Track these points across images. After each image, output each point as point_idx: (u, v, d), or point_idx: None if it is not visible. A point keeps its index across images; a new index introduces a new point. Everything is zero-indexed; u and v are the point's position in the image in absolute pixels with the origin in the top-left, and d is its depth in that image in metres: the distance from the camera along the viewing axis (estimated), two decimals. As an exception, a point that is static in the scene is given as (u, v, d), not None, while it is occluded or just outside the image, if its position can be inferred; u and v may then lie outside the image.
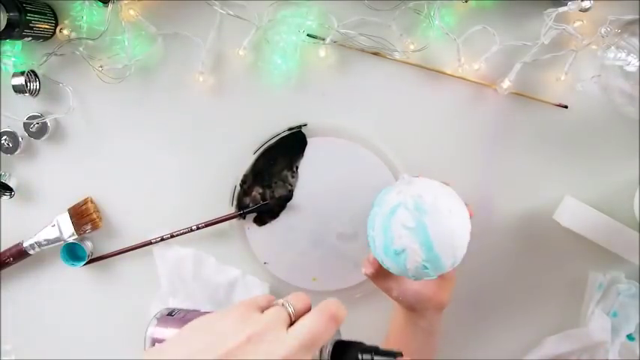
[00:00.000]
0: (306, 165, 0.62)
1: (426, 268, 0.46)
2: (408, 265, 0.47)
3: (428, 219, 0.46)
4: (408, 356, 0.55)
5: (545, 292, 0.65)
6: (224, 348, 0.32)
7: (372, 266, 0.54)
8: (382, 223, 0.48)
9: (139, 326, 0.67)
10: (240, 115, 0.63)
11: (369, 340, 0.43)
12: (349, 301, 0.64)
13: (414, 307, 0.56)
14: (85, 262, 0.65)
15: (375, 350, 0.37)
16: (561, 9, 0.55)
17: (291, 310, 0.36)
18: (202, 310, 0.43)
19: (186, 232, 0.64)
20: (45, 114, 0.62)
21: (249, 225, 0.64)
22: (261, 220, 0.64)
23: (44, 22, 0.58)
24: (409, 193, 0.47)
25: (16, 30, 0.54)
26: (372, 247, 0.50)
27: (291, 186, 0.63)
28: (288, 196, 0.63)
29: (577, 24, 0.57)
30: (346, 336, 0.42)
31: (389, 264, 0.49)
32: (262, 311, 0.36)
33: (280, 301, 0.37)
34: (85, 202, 0.64)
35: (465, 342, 0.67)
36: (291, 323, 0.35)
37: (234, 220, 0.64)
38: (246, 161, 0.62)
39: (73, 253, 0.65)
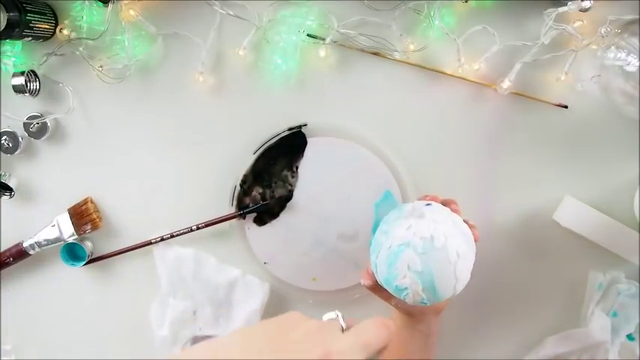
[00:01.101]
0: (306, 165, 0.62)
1: (424, 302, 0.46)
2: (407, 299, 0.47)
3: (435, 265, 0.45)
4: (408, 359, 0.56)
5: (545, 292, 0.65)
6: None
7: (370, 278, 0.53)
8: (387, 257, 0.46)
9: (139, 326, 0.67)
10: (240, 115, 0.63)
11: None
12: (349, 301, 0.64)
13: (412, 313, 0.56)
14: (85, 262, 0.65)
15: None
16: (561, 9, 0.55)
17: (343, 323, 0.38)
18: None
19: (186, 232, 0.64)
20: (45, 114, 0.62)
21: (249, 225, 0.64)
22: (261, 220, 0.64)
23: (44, 22, 0.58)
24: (419, 233, 0.45)
25: (16, 30, 0.54)
26: (374, 270, 0.49)
27: (291, 186, 0.63)
28: (288, 196, 0.63)
29: (577, 24, 0.57)
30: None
31: (389, 289, 0.48)
32: None
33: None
34: (85, 202, 0.64)
35: (465, 342, 0.67)
36: None
37: (234, 220, 0.64)
38: (246, 161, 0.62)
39: (73, 253, 0.65)
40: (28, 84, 0.60)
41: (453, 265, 0.45)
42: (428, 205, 0.49)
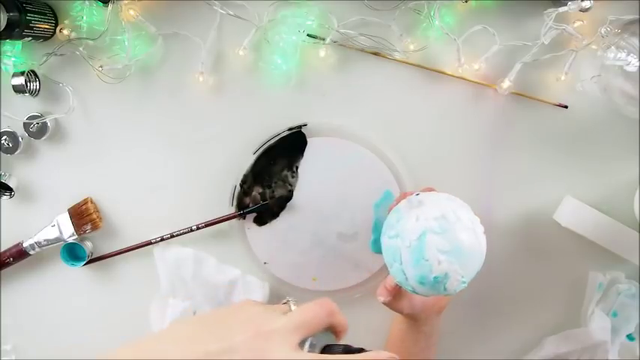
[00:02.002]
0: (306, 165, 0.62)
1: (464, 283, 0.46)
2: (448, 287, 0.46)
3: (459, 236, 0.45)
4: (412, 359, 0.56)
5: (545, 292, 0.65)
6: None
7: (390, 293, 0.53)
8: (412, 254, 0.46)
9: (139, 326, 0.67)
10: (240, 115, 0.63)
11: (368, 339, 0.43)
12: (349, 301, 0.64)
13: (417, 317, 0.56)
14: (85, 262, 0.65)
15: (353, 350, 0.38)
16: (561, 9, 0.55)
17: (292, 307, 0.40)
18: None
19: (186, 232, 0.64)
20: (45, 114, 0.62)
21: (249, 225, 0.64)
22: (261, 220, 0.64)
23: (44, 22, 0.58)
24: (430, 216, 0.45)
25: (16, 30, 0.54)
26: (401, 279, 0.48)
27: (291, 186, 0.63)
28: (288, 196, 0.63)
29: (577, 24, 0.57)
30: (347, 337, 0.43)
31: (423, 291, 0.47)
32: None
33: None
34: (85, 202, 0.64)
35: (465, 342, 0.67)
36: None
37: (234, 220, 0.64)
38: (246, 161, 0.62)
39: (73, 253, 0.65)
40: (28, 84, 0.60)
41: (472, 231, 0.46)
42: (417, 194, 0.49)
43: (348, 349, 0.39)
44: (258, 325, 0.36)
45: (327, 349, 0.39)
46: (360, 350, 0.39)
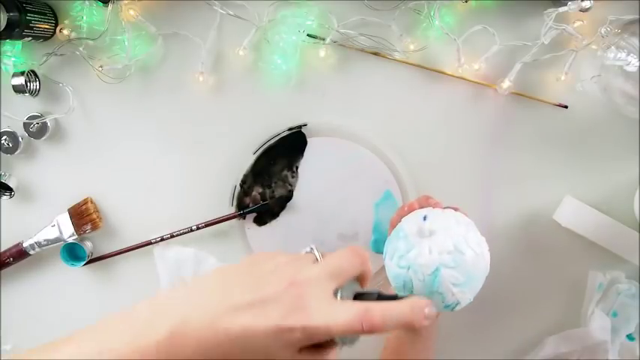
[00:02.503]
0: (306, 165, 0.62)
1: (471, 302, 0.47)
2: (456, 309, 0.47)
3: (471, 268, 0.45)
4: None
5: (545, 292, 0.65)
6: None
7: None
8: (425, 288, 0.46)
9: (139, 326, 0.67)
10: (240, 115, 0.63)
11: (368, 339, 0.43)
12: (349, 301, 0.64)
13: None
14: (85, 262, 0.65)
15: (390, 297, 0.37)
16: (561, 9, 0.55)
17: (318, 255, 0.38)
18: None
19: (186, 232, 0.64)
20: (45, 114, 0.62)
21: (249, 225, 0.64)
22: (261, 220, 0.64)
23: (44, 22, 0.58)
24: (444, 249, 0.45)
25: (16, 30, 0.54)
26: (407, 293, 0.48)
27: (291, 186, 0.63)
28: (288, 196, 0.63)
29: (577, 24, 0.57)
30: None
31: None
32: None
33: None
34: (85, 202, 0.64)
35: (465, 342, 0.67)
36: None
37: (234, 220, 0.64)
38: (246, 161, 0.62)
39: (73, 253, 0.65)
40: (28, 84, 0.60)
41: (481, 257, 0.46)
42: (424, 218, 0.48)
43: (382, 296, 0.37)
44: (292, 274, 0.34)
45: (359, 297, 0.37)
46: (394, 297, 0.37)
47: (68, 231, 0.64)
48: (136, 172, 0.64)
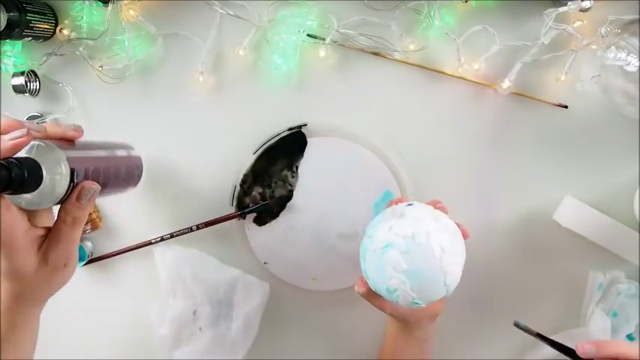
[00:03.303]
0: (306, 165, 0.62)
1: (417, 303, 0.46)
2: (400, 301, 0.46)
3: (419, 261, 0.44)
4: None
5: (545, 292, 0.65)
6: None
7: (365, 286, 0.52)
8: (373, 261, 0.46)
9: (139, 326, 0.67)
10: (240, 115, 0.63)
11: (368, 339, 0.43)
12: (349, 301, 0.64)
13: (408, 320, 0.56)
14: (85, 262, 0.65)
15: None
16: (561, 9, 0.55)
17: None
18: None
19: (186, 232, 0.64)
20: (45, 114, 0.62)
21: (249, 225, 0.64)
22: (261, 220, 0.64)
23: (44, 22, 0.58)
24: (401, 232, 0.45)
25: (16, 30, 0.55)
26: (365, 277, 0.49)
27: (291, 186, 0.63)
28: (288, 196, 0.63)
29: (577, 24, 0.57)
30: (344, 335, 0.43)
31: (381, 294, 0.48)
32: None
33: None
34: (85, 202, 0.64)
35: (465, 342, 0.67)
36: None
37: (234, 220, 0.64)
38: (246, 161, 0.62)
39: (73, 253, 0.65)
40: (28, 84, 0.60)
41: (438, 260, 0.45)
42: (409, 204, 0.48)
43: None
44: None
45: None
46: None
47: (68, 231, 0.64)
48: (136, 172, 0.64)
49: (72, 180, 0.44)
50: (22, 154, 0.42)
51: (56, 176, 0.43)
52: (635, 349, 0.44)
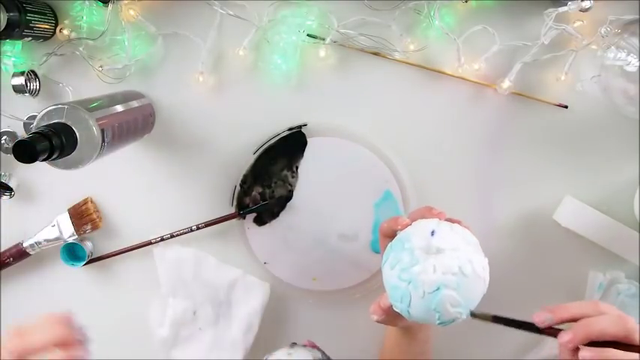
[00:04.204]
0: (306, 165, 0.62)
1: (463, 318, 0.46)
2: (450, 325, 0.46)
3: (472, 290, 0.45)
4: None
5: (545, 292, 0.65)
6: None
7: (384, 313, 0.51)
8: (423, 305, 0.45)
9: (139, 326, 0.67)
10: (240, 115, 0.63)
11: (368, 339, 0.43)
12: (349, 301, 0.64)
13: (412, 326, 0.56)
14: (85, 262, 0.65)
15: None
16: (561, 9, 0.55)
17: None
18: None
19: (186, 232, 0.64)
20: (45, 114, 0.62)
21: (249, 225, 0.64)
22: (261, 220, 0.64)
23: (44, 22, 0.58)
24: (448, 270, 0.44)
25: (16, 30, 0.54)
26: (404, 313, 0.47)
27: (291, 186, 0.63)
28: (288, 196, 0.63)
29: (577, 24, 0.57)
30: (344, 335, 0.43)
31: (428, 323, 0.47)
32: None
33: None
34: (85, 202, 0.64)
35: (466, 342, 0.67)
36: None
37: (234, 220, 0.64)
38: (246, 161, 0.62)
39: (73, 253, 0.65)
40: (28, 84, 0.60)
41: (483, 280, 0.46)
42: (432, 234, 0.47)
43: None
44: None
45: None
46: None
47: (68, 231, 0.64)
48: (137, 172, 0.64)
49: (103, 140, 0.48)
50: (53, 118, 0.46)
51: (89, 138, 0.47)
52: (589, 305, 0.42)
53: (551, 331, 0.43)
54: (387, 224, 0.50)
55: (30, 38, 0.57)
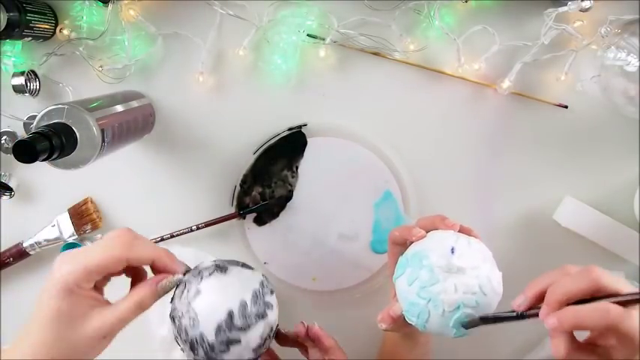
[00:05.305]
0: (306, 165, 0.62)
1: None
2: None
3: (490, 305, 0.45)
4: None
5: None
6: None
7: (393, 322, 0.50)
8: (442, 321, 0.45)
9: (139, 326, 0.67)
10: (240, 115, 0.63)
11: (368, 339, 0.43)
12: (349, 301, 0.64)
13: (415, 329, 0.56)
14: (85, 262, 0.65)
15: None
16: (561, 9, 0.55)
17: None
18: None
19: (186, 232, 0.64)
20: (45, 114, 0.62)
21: (249, 225, 0.64)
22: (261, 220, 0.64)
23: (44, 22, 0.58)
24: (469, 289, 0.44)
25: (16, 30, 0.54)
26: (419, 326, 0.47)
27: (291, 186, 0.63)
28: (288, 196, 0.63)
29: (577, 24, 0.57)
30: (344, 335, 0.43)
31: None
32: None
33: None
34: (85, 202, 0.64)
35: (465, 342, 0.67)
36: None
37: (234, 220, 0.64)
38: (246, 161, 0.62)
39: (73, 253, 0.65)
40: (28, 84, 0.60)
41: (498, 294, 0.46)
42: (452, 251, 0.46)
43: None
44: None
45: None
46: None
47: (68, 231, 0.64)
48: (136, 172, 0.64)
49: (103, 140, 0.48)
50: (54, 118, 0.46)
51: (89, 138, 0.47)
52: (556, 272, 0.42)
53: (534, 312, 0.41)
54: (399, 233, 0.49)
55: (30, 38, 0.57)
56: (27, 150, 0.43)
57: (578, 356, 0.39)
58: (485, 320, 0.44)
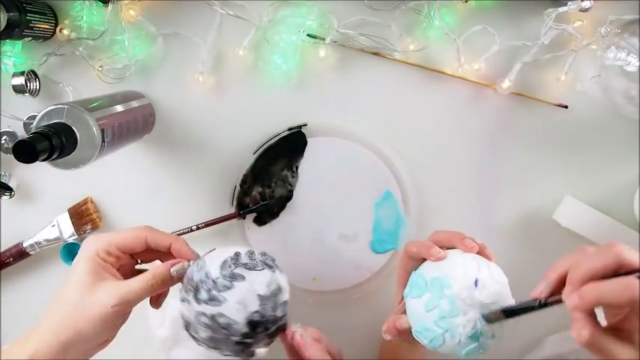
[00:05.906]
0: (306, 165, 0.62)
1: None
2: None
3: (502, 330, 0.46)
4: None
5: (545, 292, 0.65)
6: None
7: (399, 334, 0.49)
8: (456, 348, 0.45)
9: (139, 326, 0.67)
10: (240, 115, 0.63)
11: (367, 339, 0.43)
12: (347, 302, 0.64)
13: None
14: (85, 262, 0.65)
15: None
16: (561, 9, 0.55)
17: None
18: None
19: (186, 232, 0.64)
20: (45, 114, 0.62)
21: (249, 225, 0.64)
22: (261, 220, 0.64)
23: (44, 22, 0.58)
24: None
25: (16, 30, 0.54)
26: (431, 348, 0.46)
27: (291, 186, 0.63)
28: (288, 196, 0.63)
29: (577, 24, 0.57)
30: (344, 335, 0.43)
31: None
32: None
33: None
34: (85, 202, 0.64)
35: (465, 342, 0.67)
36: None
37: (234, 220, 0.64)
38: (246, 161, 0.62)
39: (73, 253, 0.65)
40: (28, 84, 0.60)
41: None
42: (476, 284, 0.45)
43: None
44: None
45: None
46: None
47: (68, 231, 0.64)
48: (136, 172, 0.64)
49: (103, 140, 0.48)
50: (54, 118, 0.47)
51: (89, 138, 0.47)
52: (576, 253, 0.40)
53: (557, 298, 0.40)
54: (416, 249, 0.48)
55: (30, 38, 0.57)
56: (27, 150, 0.43)
57: (602, 340, 0.37)
58: (508, 313, 0.43)
